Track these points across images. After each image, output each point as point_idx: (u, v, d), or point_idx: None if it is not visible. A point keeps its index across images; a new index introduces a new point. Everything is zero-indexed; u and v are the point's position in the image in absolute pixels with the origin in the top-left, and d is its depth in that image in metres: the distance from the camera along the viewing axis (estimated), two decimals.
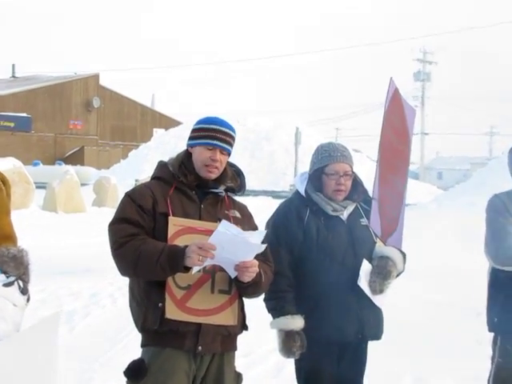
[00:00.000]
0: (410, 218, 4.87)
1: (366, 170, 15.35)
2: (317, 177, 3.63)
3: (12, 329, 2.31)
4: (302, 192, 3.65)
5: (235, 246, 2.92)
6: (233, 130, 3.22)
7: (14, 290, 2.38)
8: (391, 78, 3.77)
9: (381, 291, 3.56)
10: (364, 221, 3.68)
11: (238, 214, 3.23)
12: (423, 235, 13.91)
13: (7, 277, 2.39)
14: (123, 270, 3.04)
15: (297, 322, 3.50)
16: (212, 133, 3.16)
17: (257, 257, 3.03)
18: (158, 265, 2.91)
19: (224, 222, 2.96)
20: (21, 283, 2.41)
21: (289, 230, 3.57)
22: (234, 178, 3.28)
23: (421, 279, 9.07)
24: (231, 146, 3.21)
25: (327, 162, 3.60)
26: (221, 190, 3.20)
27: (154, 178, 3.25)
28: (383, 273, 3.56)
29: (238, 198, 3.35)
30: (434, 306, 8.02)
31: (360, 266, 3.55)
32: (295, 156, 34.59)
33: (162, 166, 3.27)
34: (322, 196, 3.60)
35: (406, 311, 7.37)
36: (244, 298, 3.19)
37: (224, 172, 3.21)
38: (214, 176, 3.17)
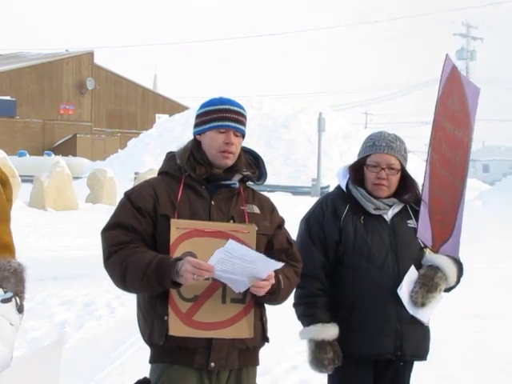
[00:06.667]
0: None
1: None
2: (358, 169, 3.66)
3: (8, 351, 2.30)
4: (343, 186, 3.68)
5: (241, 267, 2.88)
6: (243, 109, 3.21)
7: (11, 307, 2.38)
8: (447, 55, 3.74)
9: (422, 304, 3.53)
10: (412, 223, 3.66)
11: (256, 210, 3.20)
12: (465, 237, 13.82)
13: (4, 292, 2.38)
14: (114, 282, 3.07)
15: (329, 331, 3.51)
16: (221, 113, 3.14)
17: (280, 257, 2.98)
18: (144, 279, 2.92)
19: (231, 242, 2.88)
20: (18, 300, 2.40)
21: (324, 228, 3.60)
22: (250, 165, 3.26)
23: (464, 288, 9.00)
24: (244, 126, 3.19)
25: (370, 151, 3.62)
26: (234, 181, 3.18)
27: (160, 172, 3.24)
28: (428, 284, 3.54)
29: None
30: (482, 319, 7.96)
31: (403, 273, 3.54)
32: (318, 145, 34.51)
33: (169, 158, 3.25)
34: (363, 192, 3.61)
35: (452, 326, 7.31)
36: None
37: (237, 160, 3.19)
38: (230, 162, 3.14)
